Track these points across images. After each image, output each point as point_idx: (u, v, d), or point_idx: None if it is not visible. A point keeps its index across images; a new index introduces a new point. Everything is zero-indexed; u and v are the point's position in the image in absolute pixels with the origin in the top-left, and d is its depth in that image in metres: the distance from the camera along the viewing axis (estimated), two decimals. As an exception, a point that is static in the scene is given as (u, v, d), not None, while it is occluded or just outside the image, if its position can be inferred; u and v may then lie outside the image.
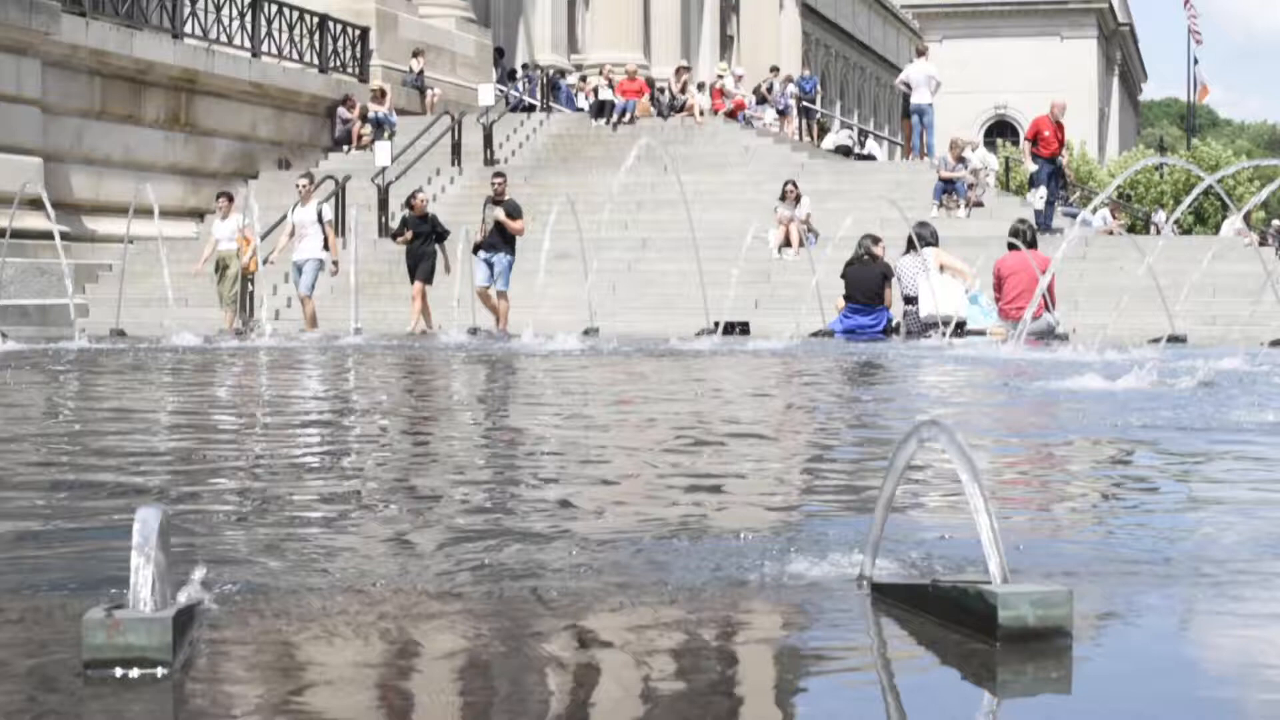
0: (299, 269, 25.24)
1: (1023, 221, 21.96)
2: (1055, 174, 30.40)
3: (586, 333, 20.06)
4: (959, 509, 3.58)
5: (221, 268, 25.57)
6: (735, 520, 5.16)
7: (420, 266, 24.93)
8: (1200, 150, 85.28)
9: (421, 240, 25.13)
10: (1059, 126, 30.40)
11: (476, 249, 24.64)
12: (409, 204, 25.82)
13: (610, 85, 38.55)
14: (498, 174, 26.06)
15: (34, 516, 5.24)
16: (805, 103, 46.06)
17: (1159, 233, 42.47)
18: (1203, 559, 4.37)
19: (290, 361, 16.70)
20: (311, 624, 3.58)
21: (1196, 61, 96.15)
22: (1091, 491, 6.39)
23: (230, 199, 26.12)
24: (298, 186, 25.93)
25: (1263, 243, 38.20)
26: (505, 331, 23.33)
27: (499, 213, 24.52)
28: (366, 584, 3.98)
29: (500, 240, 24.48)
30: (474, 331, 22.21)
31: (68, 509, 5.43)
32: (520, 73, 44.77)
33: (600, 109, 37.98)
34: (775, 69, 47.49)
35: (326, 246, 25.38)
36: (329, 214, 26.61)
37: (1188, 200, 22.53)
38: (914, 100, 34.50)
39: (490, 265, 24.58)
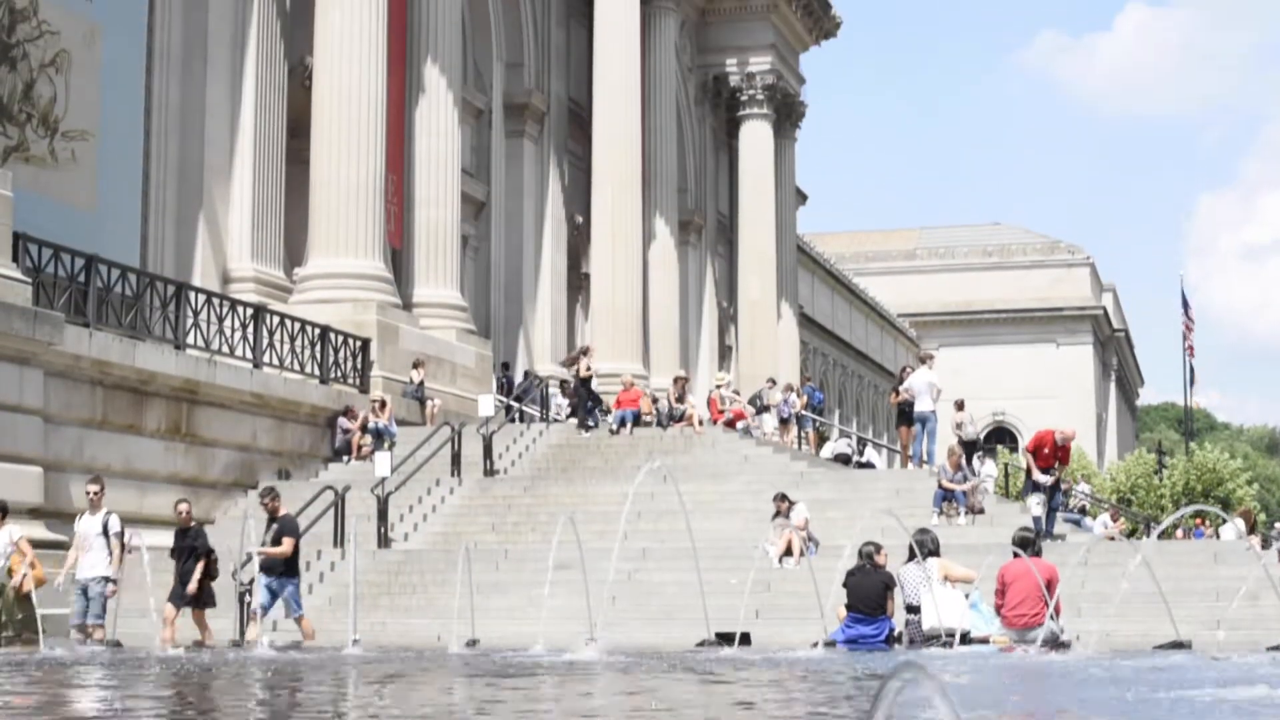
0: (83, 590, 22.80)
1: (1026, 530, 21.92)
2: (1053, 484, 30.54)
3: (587, 643, 19.81)
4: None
5: None
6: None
7: (185, 590, 23.05)
8: (1199, 456, 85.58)
9: (184, 557, 23.29)
10: (1063, 450, 30.67)
11: (261, 572, 23.41)
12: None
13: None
14: (268, 491, 24.52)
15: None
16: (814, 414, 46.42)
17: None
18: None
19: (286, 675, 16.44)
20: None
21: (1193, 371, 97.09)
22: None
23: (3, 510, 22.88)
24: (88, 493, 23.41)
25: (1264, 546, 38.06)
26: (301, 643, 22.44)
27: (272, 534, 23.35)
28: None
29: (280, 561, 23.26)
30: (472, 643, 21.95)
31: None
32: (502, 372, 45.54)
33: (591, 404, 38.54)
34: (772, 380, 48.01)
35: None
36: (117, 525, 23.25)
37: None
38: (917, 408, 34.59)
39: (272, 592, 23.27)
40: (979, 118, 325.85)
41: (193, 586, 23.07)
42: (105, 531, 22.92)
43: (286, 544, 23.44)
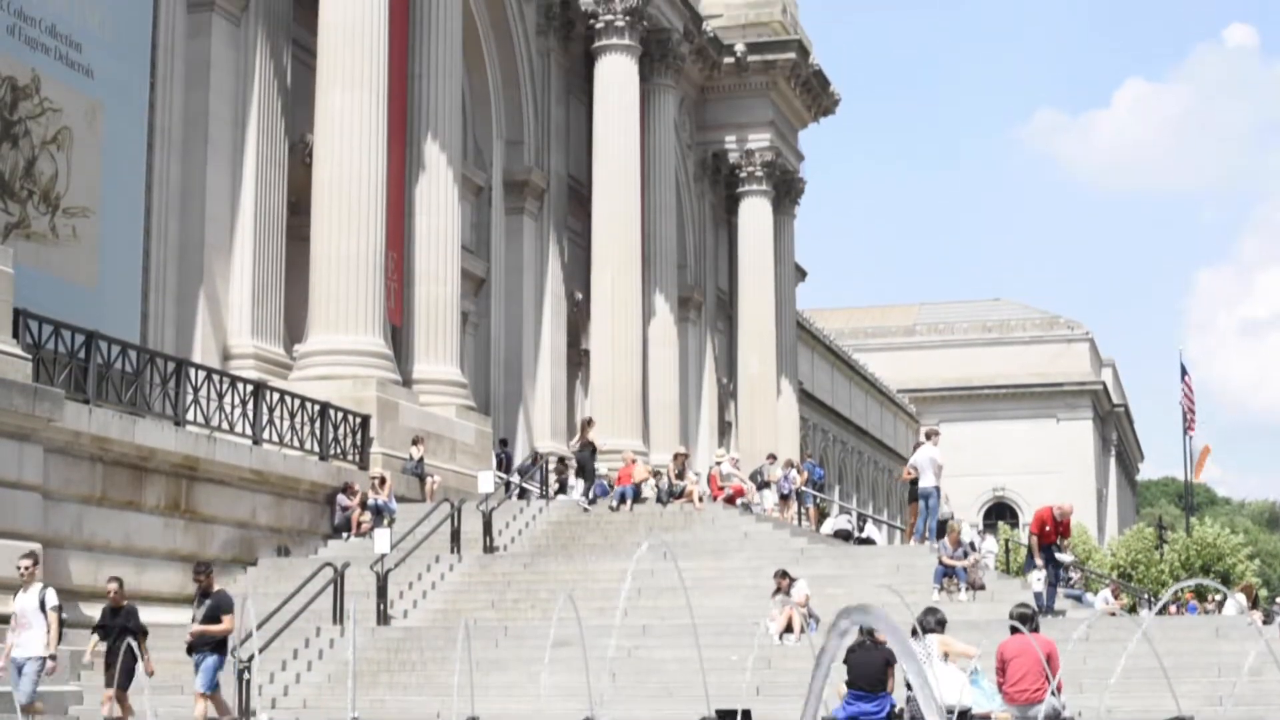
0: (19, 669, 21.67)
1: (1024, 605, 21.82)
2: (1054, 560, 30.54)
3: (586, 721, 19.76)
4: None
5: None
6: None
7: (117, 668, 22.12)
8: (1199, 531, 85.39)
9: (115, 636, 22.46)
10: (1063, 524, 30.70)
11: (190, 649, 22.89)
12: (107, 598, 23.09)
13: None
14: (202, 567, 23.85)
15: None
16: (814, 490, 46.37)
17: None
18: None
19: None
20: None
21: (1191, 436, 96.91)
22: None
23: None
24: (19, 569, 22.36)
25: (1266, 621, 37.97)
26: None
27: (204, 610, 22.84)
28: None
29: (204, 638, 22.67)
30: (472, 720, 21.84)
31: None
32: (500, 449, 45.57)
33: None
34: (772, 456, 47.94)
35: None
36: (54, 599, 22.09)
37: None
38: (921, 484, 34.51)
39: (198, 668, 22.69)
40: (978, 194, 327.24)
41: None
42: (42, 606, 21.93)
43: (227, 621, 22.81)
